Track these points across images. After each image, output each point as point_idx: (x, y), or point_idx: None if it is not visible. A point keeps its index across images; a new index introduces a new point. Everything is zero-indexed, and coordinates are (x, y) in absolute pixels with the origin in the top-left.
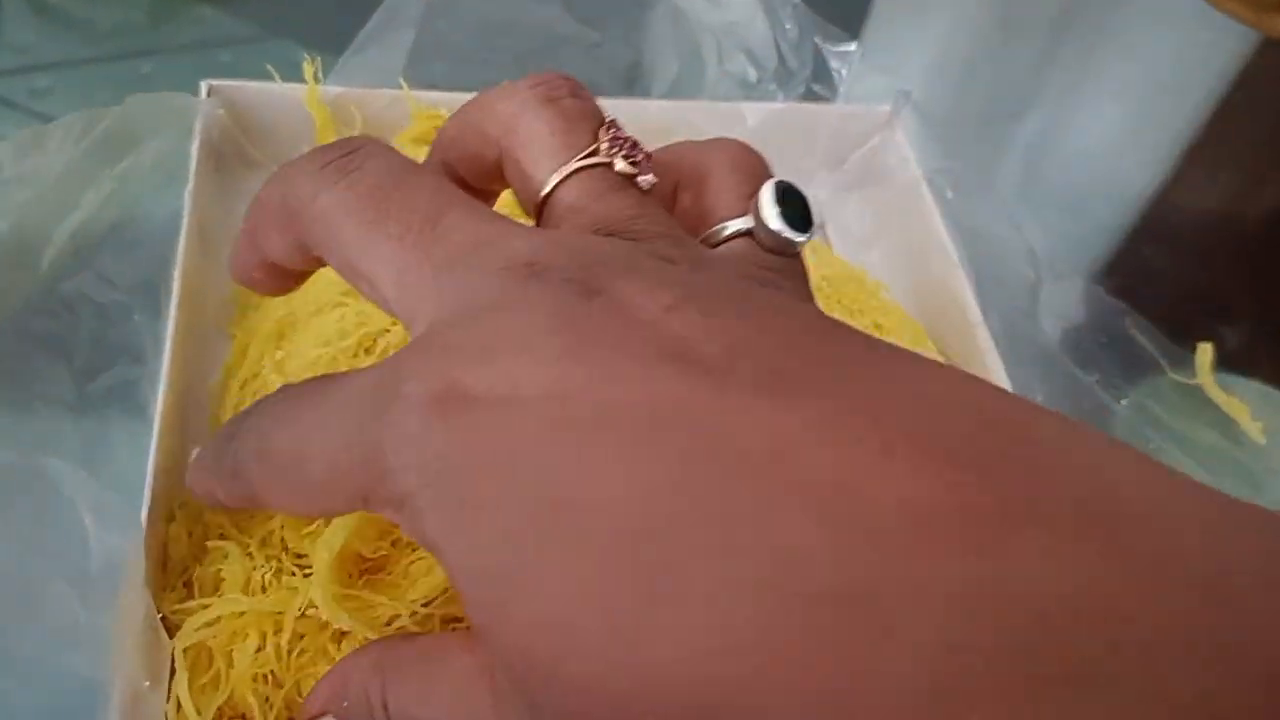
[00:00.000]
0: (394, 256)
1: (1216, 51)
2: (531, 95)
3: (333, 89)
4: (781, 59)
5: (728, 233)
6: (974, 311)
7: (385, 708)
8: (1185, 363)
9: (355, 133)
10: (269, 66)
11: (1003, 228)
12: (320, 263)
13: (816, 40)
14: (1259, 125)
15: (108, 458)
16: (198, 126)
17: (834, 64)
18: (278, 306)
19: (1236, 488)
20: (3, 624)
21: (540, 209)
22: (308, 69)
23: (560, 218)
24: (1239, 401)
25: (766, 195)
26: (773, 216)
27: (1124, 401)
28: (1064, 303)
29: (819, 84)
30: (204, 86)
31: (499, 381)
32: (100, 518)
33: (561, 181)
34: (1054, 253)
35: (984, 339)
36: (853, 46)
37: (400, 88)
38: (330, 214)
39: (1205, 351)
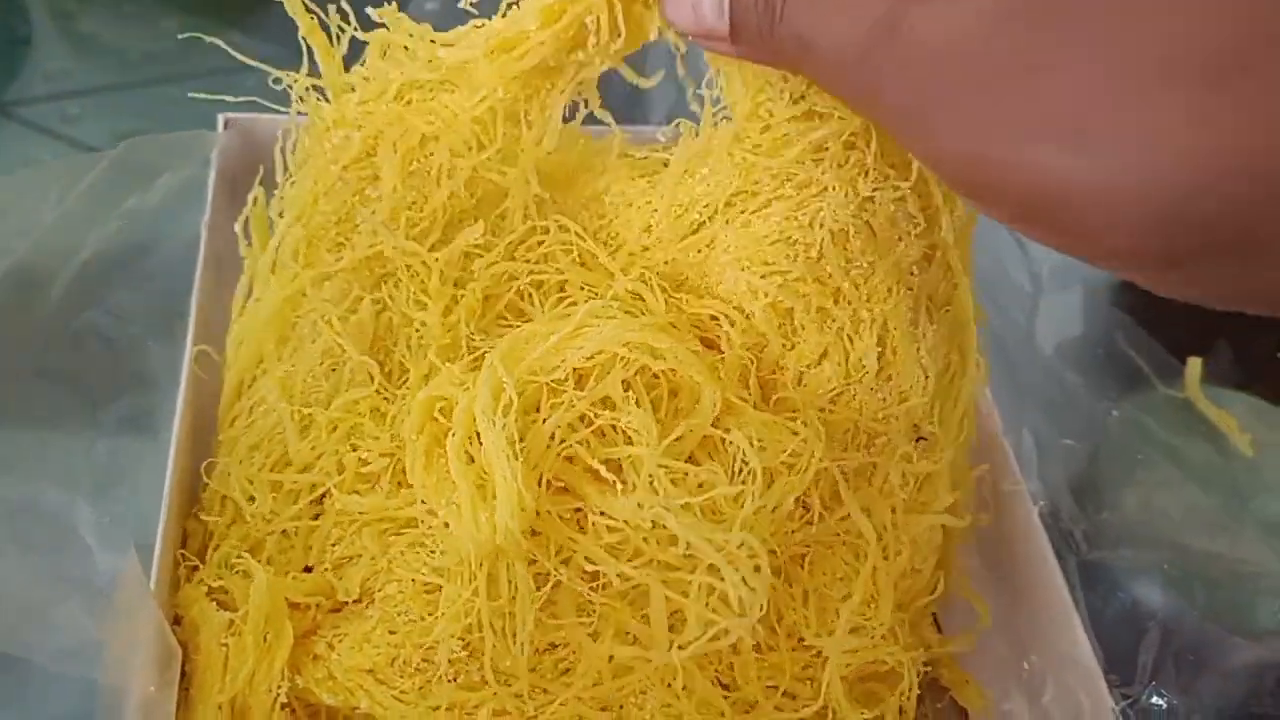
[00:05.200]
0: None
1: None
2: None
3: None
4: None
5: None
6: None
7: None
8: (1178, 375)
9: None
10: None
11: (1004, 242)
12: None
13: None
14: None
15: (119, 480)
16: (215, 158)
17: None
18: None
19: (1225, 500)
20: (23, 640)
21: None
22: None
23: None
24: (1229, 415)
25: None
26: None
27: (1115, 413)
28: (1063, 315)
29: None
30: (221, 120)
31: None
32: (101, 539)
33: None
34: (1064, 265)
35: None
36: None
37: None
38: None
39: (1194, 365)
